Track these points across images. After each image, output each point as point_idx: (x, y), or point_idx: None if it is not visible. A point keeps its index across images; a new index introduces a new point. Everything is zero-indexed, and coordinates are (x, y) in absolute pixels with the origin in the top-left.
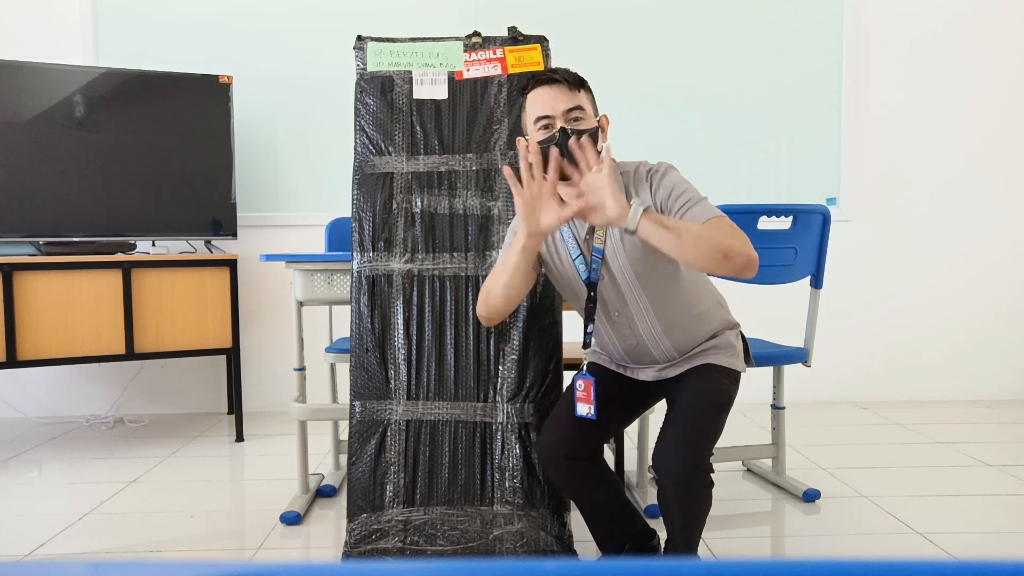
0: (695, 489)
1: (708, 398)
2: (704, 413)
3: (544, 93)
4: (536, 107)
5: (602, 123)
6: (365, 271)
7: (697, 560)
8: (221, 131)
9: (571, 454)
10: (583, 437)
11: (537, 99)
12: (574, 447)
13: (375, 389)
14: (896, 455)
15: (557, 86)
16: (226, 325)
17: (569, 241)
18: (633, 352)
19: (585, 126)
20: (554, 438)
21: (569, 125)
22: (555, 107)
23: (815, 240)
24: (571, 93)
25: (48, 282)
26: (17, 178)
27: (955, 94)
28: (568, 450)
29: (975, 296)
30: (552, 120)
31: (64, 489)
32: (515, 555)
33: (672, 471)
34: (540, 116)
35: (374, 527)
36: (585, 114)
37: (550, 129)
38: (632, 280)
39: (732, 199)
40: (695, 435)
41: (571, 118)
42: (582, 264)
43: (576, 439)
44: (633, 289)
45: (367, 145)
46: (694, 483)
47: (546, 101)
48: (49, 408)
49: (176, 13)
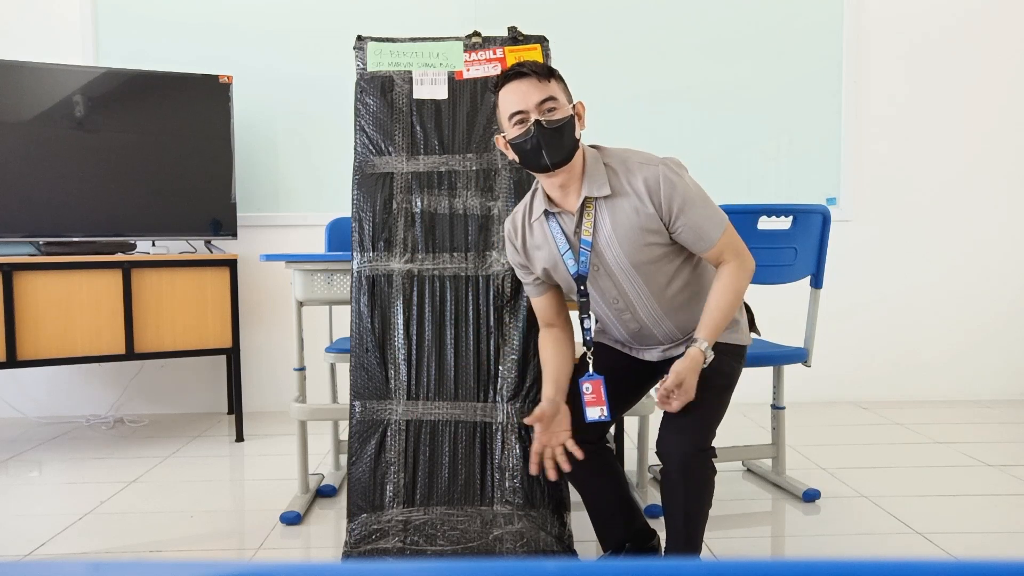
0: (698, 471)
1: (710, 382)
2: (706, 398)
3: (515, 88)
4: (509, 103)
5: (578, 110)
6: (365, 271)
7: (697, 560)
8: (221, 131)
9: (577, 438)
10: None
11: (509, 95)
12: (580, 431)
13: (375, 389)
14: (896, 455)
15: (527, 79)
16: (226, 325)
17: (558, 237)
18: (638, 335)
19: (560, 115)
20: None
21: (543, 117)
22: (527, 101)
23: (815, 240)
24: (541, 84)
25: (48, 282)
26: (17, 178)
27: (955, 94)
28: (574, 435)
29: (975, 296)
30: (526, 115)
31: (64, 489)
32: (515, 555)
33: (675, 455)
34: (514, 112)
35: (374, 527)
36: (559, 103)
37: (525, 123)
38: (627, 269)
39: (732, 199)
40: (698, 420)
41: (545, 109)
42: (571, 259)
43: (582, 423)
44: (630, 277)
45: (367, 145)
46: (697, 466)
47: (518, 96)
48: (49, 408)
49: (176, 13)
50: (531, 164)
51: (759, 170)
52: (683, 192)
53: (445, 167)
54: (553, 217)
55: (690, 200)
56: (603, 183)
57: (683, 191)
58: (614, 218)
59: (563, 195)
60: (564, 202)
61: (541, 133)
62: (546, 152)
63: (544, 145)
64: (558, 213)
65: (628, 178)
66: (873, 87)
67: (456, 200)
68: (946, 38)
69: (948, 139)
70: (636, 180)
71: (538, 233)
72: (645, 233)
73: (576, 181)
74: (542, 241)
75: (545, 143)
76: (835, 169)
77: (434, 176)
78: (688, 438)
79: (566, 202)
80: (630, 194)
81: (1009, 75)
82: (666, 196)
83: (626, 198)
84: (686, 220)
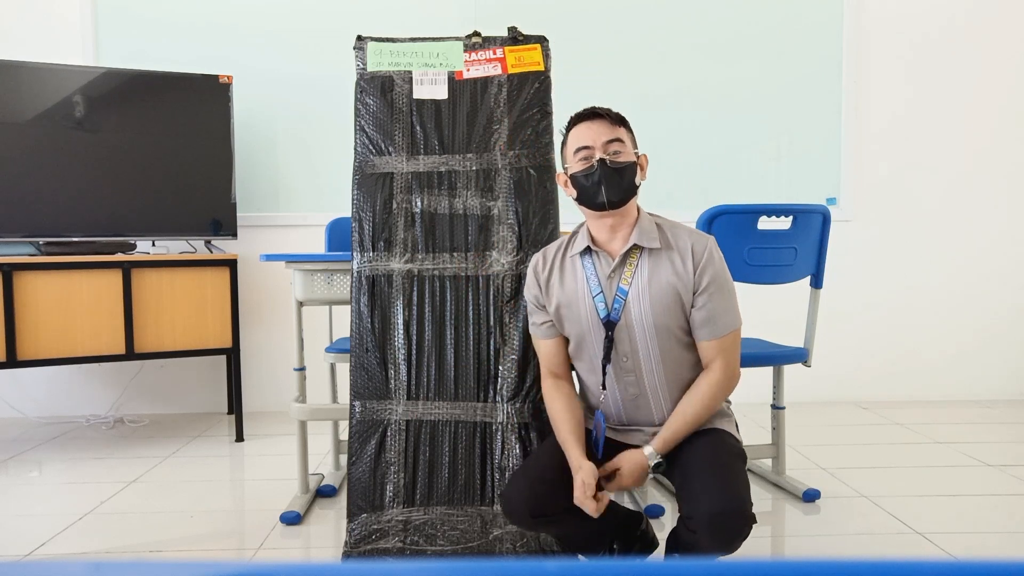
0: (737, 531)
1: (728, 450)
2: (730, 463)
3: (586, 126)
4: (577, 138)
5: (641, 161)
6: (365, 271)
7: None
8: (221, 131)
9: (538, 511)
10: (551, 495)
11: (579, 131)
12: (542, 505)
13: (375, 389)
14: (896, 455)
15: (599, 120)
16: (226, 325)
17: (591, 279)
18: (631, 405)
19: (624, 159)
20: (519, 493)
21: (608, 156)
22: (595, 139)
23: (815, 240)
24: (612, 127)
25: (48, 282)
26: (17, 178)
27: (955, 94)
28: (535, 508)
29: (975, 296)
30: (592, 151)
31: (64, 489)
32: (515, 555)
33: (710, 509)
34: (580, 147)
35: (374, 527)
36: (624, 147)
37: (589, 160)
38: (649, 326)
39: (732, 199)
40: (731, 480)
41: (610, 150)
42: (602, 302)
43: (544, 496)
44: (648, 335)
45: (367, 145)
46: (738, 525)
47: (587, 133)
48: (49, 408)
49: (176, 13)
50: (588, 200)
51: (759, 170)
52: (720, 272)
53: (445, 167)
54: (589, 257)
55: (719, 283)
56: (654, 236)
57: (720, 272)
58: (653, 273)
59: (610, 237)
60: (609, 245)
61: (604, 170)
62: (605, 189)
63: (605, 182)
64: (597, 252)
65: (676, 238)
66: (873, 87)
67: (456, 200)
68: (946, 38)
69: (948, 139)
70: (684, 241)
71: (568, 269)
72: (677, 296)
73: (626, 227)
74: (571, 278)
75: (606, 180)
76: (835, 169)
77: (434, 176)
78: (727, 496)
79: (611, 245)
80: (674, 251)
81: (1009, 75)
82: (705, 264)
83: (670, 254)
84: (708, 299)
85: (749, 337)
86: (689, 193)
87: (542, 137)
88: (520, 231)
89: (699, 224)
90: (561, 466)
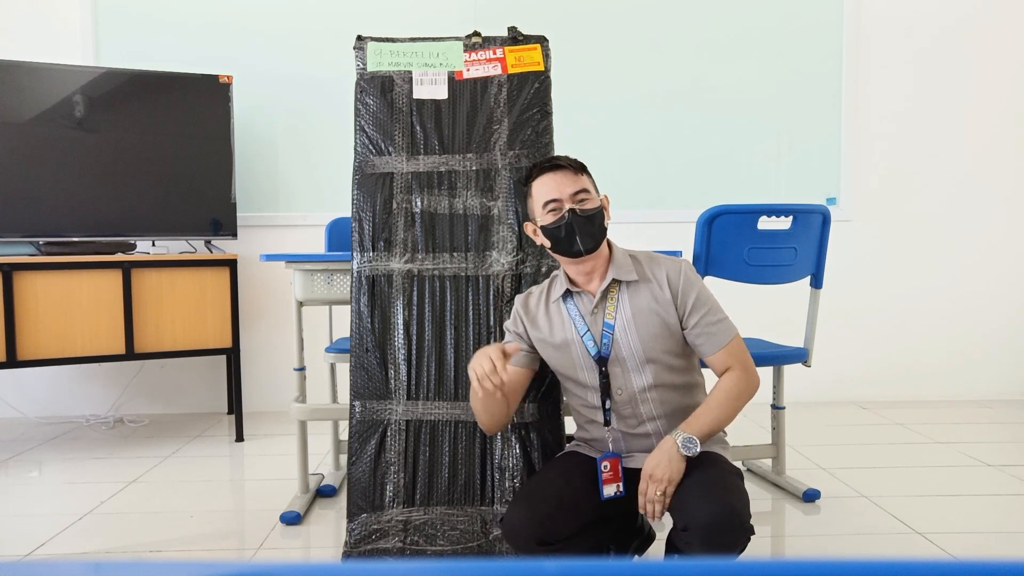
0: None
1: (723, 467)
2: (727, 478)
3: (550, 179)
4: (544, 192)
5: (604, 203)
6: (365, 271)
7: (697, 560)
8: (221, 131)
9: (543, 539)
10: (557, 520)
11: (544, 185)
12: (547, 531)
13: (375, 389)
14: (896, 455)
15: (562, 171)
16: (226, 325)
17: (576, 320)
18: (631, 436)
19: (591, 206)
20: (522, 520)
21: (577, 206)
22: (562, 191)
23: (815, 240)
24: (576, 177)
25: (48, 282)
26: (17, 178)
27: (956, 94)
28: (540, 535)
29: (975, 295)
30: (560, 203)
31: (64, 489)
32: (515, 555)
33: (703, 518)
34: (549, 200)
35: (374, 527)
36: (590, 196)
37: (559, 212)
38: (640, 356)
39: (732, 199)
40: (727, 491)
41: (578, 200)
42: (591, 341)
43: (549, 522)
44: (640, 364)
45: (367, 145)
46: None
47: (553, 186)
48: (49, 408)
49: (176, 13)
50: (563, 249)
51: (759, 170)
52: (701, 290)
53: (445, 167)
54: (571, 298)
55: (703, 299)
56: (629, 268)
57: (701, 289)
58: (634, 304)
59: (588, 279)
60: (588, 285)
61: (575, 220)
62: (579, 238)
63: (577, 231)
64: (578, 293)
65: (652, 268)
66: (873, 87)
67: (456, 200)
68: (947, 38)
69: (949, 139)
70: (659, 269)
71: (555, 315)
72: (662, 323)
73: (602, 266)
74: (558, 323)
75: (578, 229)
76: (835, 169)
77: (434, 176)
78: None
79: (590, 285)
80: (651, 281)
81: (1010, 74)
82: (684, 288)
83: (647, 284)
84: (700, 317)
85: (749, 337)
86: (689, 193)
87: (542, 137)
88: (520, 231)
89: (699, 224)
90: (565, 487)
